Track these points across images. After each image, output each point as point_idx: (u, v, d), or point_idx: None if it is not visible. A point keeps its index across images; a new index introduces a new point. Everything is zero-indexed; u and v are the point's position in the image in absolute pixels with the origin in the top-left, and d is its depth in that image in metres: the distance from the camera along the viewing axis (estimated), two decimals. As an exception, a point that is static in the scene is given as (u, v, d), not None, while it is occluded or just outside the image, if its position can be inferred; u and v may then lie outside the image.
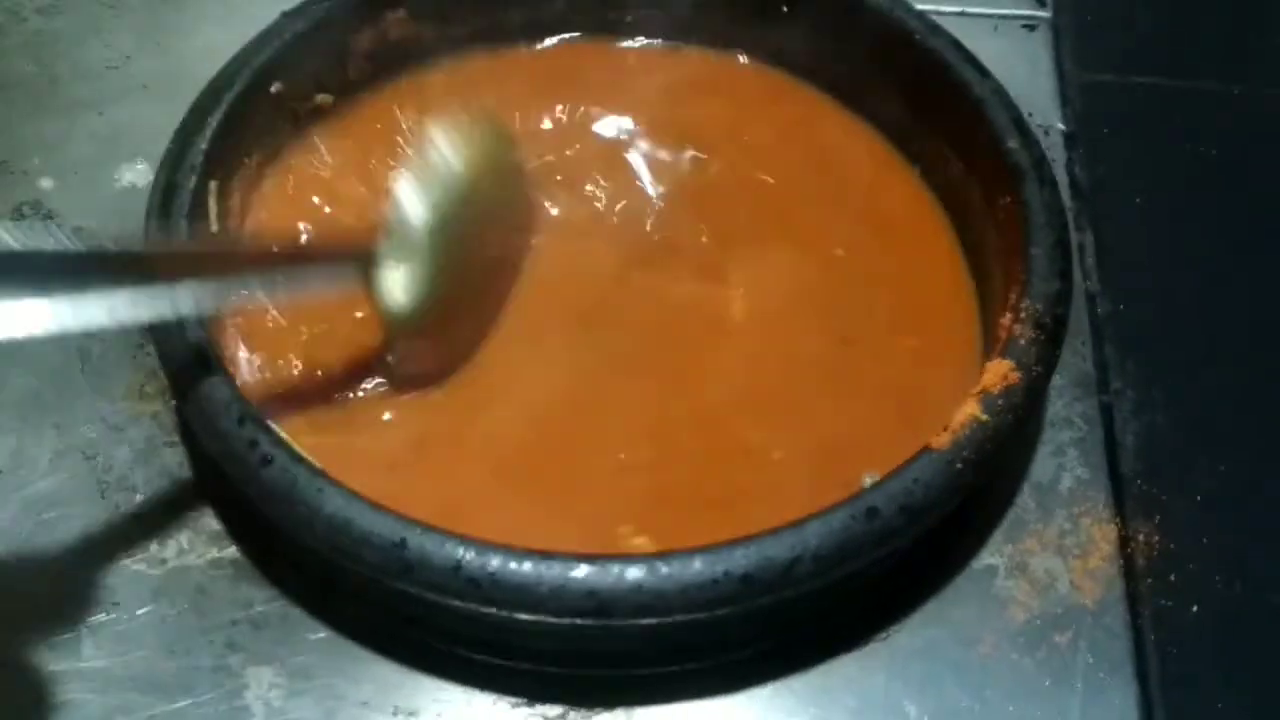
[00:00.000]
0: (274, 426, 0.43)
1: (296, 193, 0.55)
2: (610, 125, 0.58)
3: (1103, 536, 0.48)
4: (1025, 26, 0.65)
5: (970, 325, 0.51)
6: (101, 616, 0.45)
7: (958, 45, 0.54)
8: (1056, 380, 0.51)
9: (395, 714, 0.44)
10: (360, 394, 0.49)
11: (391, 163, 0.56)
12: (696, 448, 0.48)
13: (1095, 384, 0.52)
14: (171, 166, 0.49)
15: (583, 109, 0.59)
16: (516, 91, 0.59)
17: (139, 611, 0.45)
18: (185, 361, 0.44)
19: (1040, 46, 0.64)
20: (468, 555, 0.40)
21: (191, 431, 0.45)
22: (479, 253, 0.51)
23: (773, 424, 0.49)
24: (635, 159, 0.57)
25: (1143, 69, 0.63)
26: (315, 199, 0.55)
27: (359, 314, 0.50)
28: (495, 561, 0.40)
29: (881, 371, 0.50)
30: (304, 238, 0.53)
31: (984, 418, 0.43)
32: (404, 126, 0.57)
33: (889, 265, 0.54)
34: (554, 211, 0.55)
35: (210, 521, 0.48)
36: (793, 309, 0.52)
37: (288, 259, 0.47)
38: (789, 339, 0.51)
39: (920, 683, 0.45)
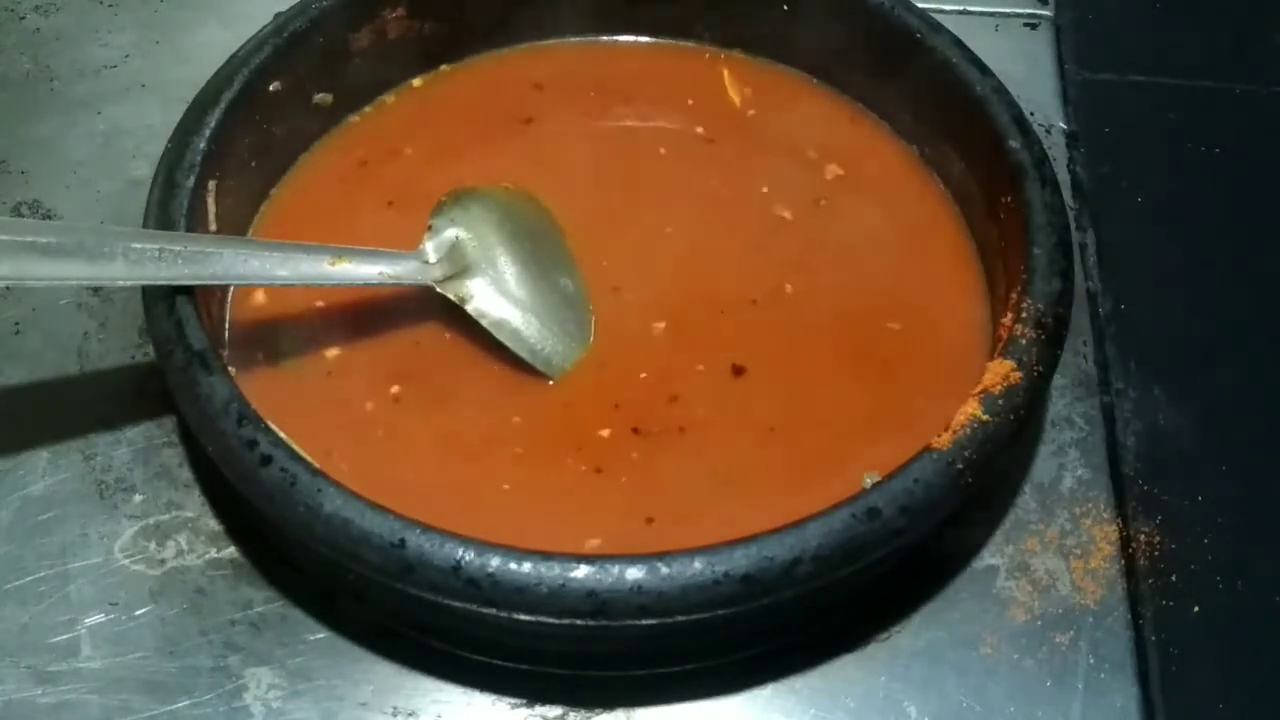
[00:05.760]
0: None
1: (296, 192, 0.55)
2: (615, 123, 0.58)
3: (1104, 537, 0.48)
4: (1027, 25, 0.65)
5: (976, 324, 0.51)
6: (100, 617, 0.45)
7: (959, 44, 0.54)
8: (1058, 380, 0.50)
9: (394, 715, 0.44)
10: None
11: (391, 162, 0.56)
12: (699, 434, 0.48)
13: (1096, 384, 0.52)
14: (170, 166, 0.49)
15: (586, 108, 0.59)
16: (518, 90, 0.59)
17: (138, 612, 0.45)
18: (184, 361, 0.44)
19: (1042, 45, 0.64)
20: (467, 555, 0.40)
21: (190, 431, 0.45)
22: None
23: (775, 421, 0.49)
24: (640, 156, 0.57)
25: (1144, 68, 0.63)
26: (315, 199, 0.55)
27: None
28: (495, 562, 0.40)
29: (883, 370, 0.50)
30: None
31: (985, 418, 0.43)
32: (403, 126, 0.57)
33: (896, 262, 0.53)
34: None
35: (209, 521, 0.47)
36: (795, 306, 0.52)
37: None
38: (790, 336, 0.51)
39: (921, 683, 0.44)
